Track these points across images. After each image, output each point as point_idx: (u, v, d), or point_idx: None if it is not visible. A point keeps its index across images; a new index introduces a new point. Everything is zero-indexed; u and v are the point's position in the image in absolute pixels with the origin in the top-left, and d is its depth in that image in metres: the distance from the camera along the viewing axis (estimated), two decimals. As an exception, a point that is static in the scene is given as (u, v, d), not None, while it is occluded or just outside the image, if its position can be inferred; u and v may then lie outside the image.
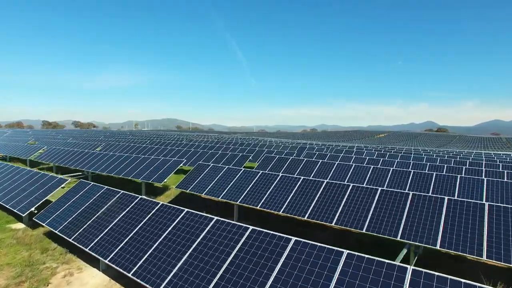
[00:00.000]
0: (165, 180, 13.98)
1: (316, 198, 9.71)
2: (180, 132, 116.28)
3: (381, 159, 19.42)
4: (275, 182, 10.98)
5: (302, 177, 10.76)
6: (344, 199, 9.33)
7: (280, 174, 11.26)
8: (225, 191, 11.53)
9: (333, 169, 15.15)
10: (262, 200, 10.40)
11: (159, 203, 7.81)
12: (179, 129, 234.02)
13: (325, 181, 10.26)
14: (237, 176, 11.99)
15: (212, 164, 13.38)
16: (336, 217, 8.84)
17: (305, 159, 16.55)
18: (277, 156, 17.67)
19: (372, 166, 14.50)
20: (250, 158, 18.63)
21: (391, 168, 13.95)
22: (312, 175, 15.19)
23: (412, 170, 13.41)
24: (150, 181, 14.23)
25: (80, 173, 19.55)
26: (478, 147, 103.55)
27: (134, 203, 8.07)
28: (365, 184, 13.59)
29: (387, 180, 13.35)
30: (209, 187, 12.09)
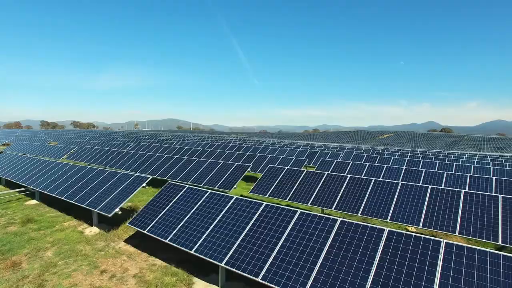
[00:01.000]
0: (117, 210, 9.22)
1: (373, 271, 4.92)
2: (178, 133, 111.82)
3: (423, 170, 14.63)
4: (290, 226, 6.21)
5: (340, 219, 5.96)
6: (438, 275, 4.55)
7: (298, 211, 6.48)
8: (203, 238, 6.77)
9: (369, 189, 10.36)
10: (267, 265, 5.64)
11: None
12: (179, 130, 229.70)
13: (386, 229, 5.48)
14: (224, 210, 7.22)
15: (187, 187, 8.60)
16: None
17: (325, 173, 11.77)
18: (286, 167, 12.91)
19: (429, 187, 9.71)
20: (249, 169, 13.96)
21: (462, 191, 9.15)
22: (338, 198, 10.42)
23: (497, 194, 8.61)
24: (96, 210, 9.49)
25: (24, 189, 14.87)
26: (492, 148, 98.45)
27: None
28: (422, 217, 8.80)
29: (460, 211, 8.55)
30: (178, 228, 7.33)
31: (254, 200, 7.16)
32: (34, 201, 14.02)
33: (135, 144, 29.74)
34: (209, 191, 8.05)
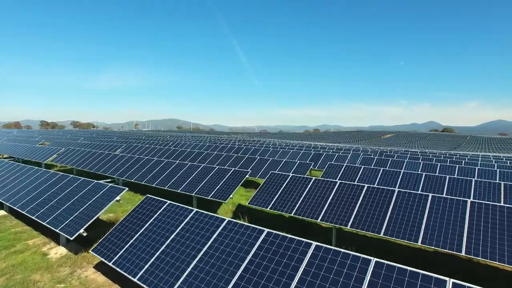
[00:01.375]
0: (81, 231, 7.41)
1: None
2: (177, 133, 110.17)
3: (446, 176, 12.80)
4: (302, 268, 4.42)
5: (375, 260, 4.17)
6: None
7: (313, 245, 4.68)
8: (183, 278, 4.98)
9: (392, 202, 8.56)
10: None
11: None
12: (179, 130, 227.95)
13: (449, 281, 3.69)
14: (212, 238, 5.43)
15: (168, 203, 6.81)
16: None
17: (337, 181, 9.97)
18: (290, 174, 11.12)
19: (468, 201, 7.89)
20: (247, 176, 12.20)
21: None
22: (354, 213, 8.61)
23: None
24: (57, 230, 7.69)
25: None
26: (498, 149, 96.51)
27: None
28: (464, 241, 7.00)
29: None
30: (152, 260, 5.53)
31: (251, 226, 5.36)
32: (2, 212, 12.25)
33: (127, 145, 27.97)
34: (195, 209, 6.25)
